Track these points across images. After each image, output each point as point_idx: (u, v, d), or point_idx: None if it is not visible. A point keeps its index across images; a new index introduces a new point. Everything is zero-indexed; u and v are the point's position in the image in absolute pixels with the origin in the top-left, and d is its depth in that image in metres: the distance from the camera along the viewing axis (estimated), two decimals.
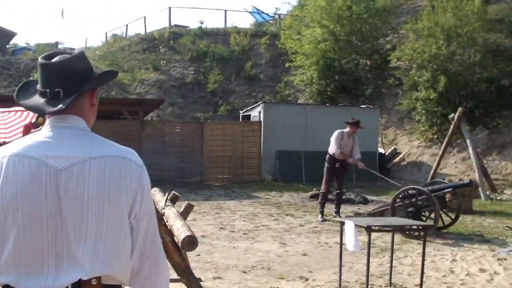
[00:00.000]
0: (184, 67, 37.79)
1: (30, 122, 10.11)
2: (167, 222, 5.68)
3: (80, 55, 2.74)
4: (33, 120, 9.90)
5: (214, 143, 24.93)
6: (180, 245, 5.22)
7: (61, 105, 2.57)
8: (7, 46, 45.42)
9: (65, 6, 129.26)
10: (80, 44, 68.10)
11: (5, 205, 2.49)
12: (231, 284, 8.98)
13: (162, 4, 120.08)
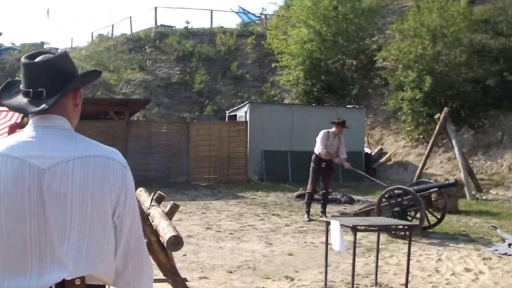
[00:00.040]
0: (170, 67, 37.74)
1: (16, 122, 10.05)
2: (152, 222, 5.66)
3: (63, 54, 2.73)
4: (18, 120, 9.84)
5: (200, 143, 24.89)
6: (165, 245, 5.22)
7: (44, 105, 2.56)
8: None
9: (50, 6, 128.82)
10: (66, 44, 67.88)
11: None
12: (217, 284, 8.97)
13: (148, 4, 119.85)
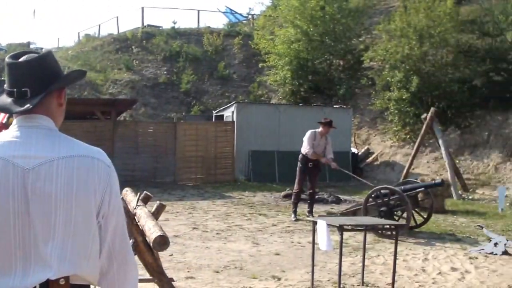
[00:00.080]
0: (157, 67, 37.68)
1: (1, 122, 10.00)
2: (138, 222, 5.66)
3: (48, 54, 2.72)
4: (4, 121, 9.78)
5: (187, 143, 24.86)
6: (151, 245, 5.22)
7: (28, 105, 2.55)
8: None
9: (36, 6, 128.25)
10: (52, 44, 67.54)
11: None
12: (204, 284, 8.96)
13: (135, 4, 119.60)
